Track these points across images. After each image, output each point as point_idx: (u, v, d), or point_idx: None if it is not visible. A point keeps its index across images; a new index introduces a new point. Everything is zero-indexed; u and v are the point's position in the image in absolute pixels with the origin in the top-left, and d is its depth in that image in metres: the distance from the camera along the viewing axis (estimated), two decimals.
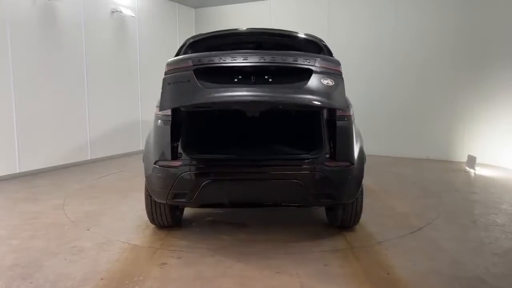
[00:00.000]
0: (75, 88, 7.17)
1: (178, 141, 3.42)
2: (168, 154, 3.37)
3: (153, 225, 3.97)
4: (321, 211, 4.29)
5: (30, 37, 6.32)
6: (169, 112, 3.41)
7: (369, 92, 8.24)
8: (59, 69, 6.83)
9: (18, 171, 6.23)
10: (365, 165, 3.57)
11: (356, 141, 3.52)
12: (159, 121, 3.48)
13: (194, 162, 3.35)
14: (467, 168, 6.92)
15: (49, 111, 6.69)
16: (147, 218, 3.90)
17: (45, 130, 6.64)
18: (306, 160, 3.34)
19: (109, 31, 7.83)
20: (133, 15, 8.20)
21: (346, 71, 3.92)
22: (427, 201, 5.04)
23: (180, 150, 3.39)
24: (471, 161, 6.83)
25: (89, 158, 7.49)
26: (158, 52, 8.91)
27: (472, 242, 3.67)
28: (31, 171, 6.40)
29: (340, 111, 3.38)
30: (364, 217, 3.93)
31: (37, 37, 6.43)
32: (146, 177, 3.57)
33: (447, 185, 5.89)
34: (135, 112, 8.59)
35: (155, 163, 3.43)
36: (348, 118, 3.45)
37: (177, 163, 3.35)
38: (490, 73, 7.19)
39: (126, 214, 4.48)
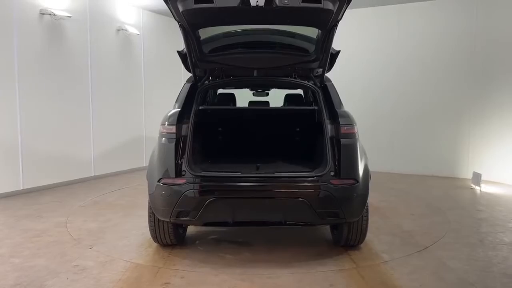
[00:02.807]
0: (80, 104, 7.21)
1: (182, 159, 3.42)
2: (172, 172, 3.36)
3: (156, 244, 3.94)
4: (325, 230, 4.25)
5: (36, 55, 6.40)
6: (173, 129, 3.41)
7: (373, 108, 8.25)
8: (64, 86, 6.88)
9: (21, 188, 6.23)
10: (370, 182, 3.54)
11: (361, 159, 3.50)
12: (163, 138, 3.49)
13: (198, 180, 3.34)
14: (472, 185, 6.86)
15: (53, 128, 6.72)
16: (150, 236, 3.87)
17: (49, 147, 6.65)
18: (311, 178, 3.32)
19: (114, 49, 7.93)
20: (138, 33, 8.31)
21: (349, 87, 3.95)
22: (433, 219, 4.98)
23: (184, 167, 3.38)
24: (477, 178, 6.77)
25: (93, 175, 7.48)
26: (162, 69, 9.00)
27: (480, 262, 3.60)
28: (34, 188, 6.39)
29: (345, 128, 3.37)
30: (369, 235, 3.88)
31: (43, 54, 6.51)
32: (149, 194, 3.56)
33: (453, 203, 5.83)
34: (139, 128, 8.62)
35: (158, 181, 3.42)
36: (352, 136, 3.44)
37: (181, 180, 3.34)
38: (496, 89, 7.17)
39: (129, 232, 4.45)
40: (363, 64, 8.39)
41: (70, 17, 6.71)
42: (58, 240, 4.17)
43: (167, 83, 8.99)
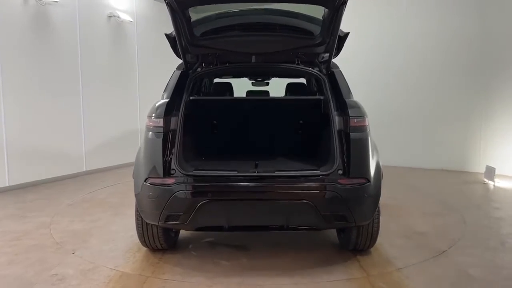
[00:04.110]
0: (69, 96, 6.82)
1: (172, 156, 3.04)
2: (160, 171, 2.99)
3: (145, 248, 3.57)
4: (331, 231, 3.88)
5: (20, 44, 5.98)
6: (160, 122, 3.03)
7: (380, 100, 7.82)
8: (52, 77, 6.49)
9: (7, 185, 5.87)
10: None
11: (373, 155, 3.12)
12: (150, 133, 3.11)
13: (189, 180, 2.96)
14: (485, 179, 6.48)
15: (41, 120, 6.33)
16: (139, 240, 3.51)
17: (37, 141, 6.28)
18: (316, 177, 2.94)
19: (105, 37, 7.51)
20: (131, 20, 7.88)
21: (357, 80, 3.55)
22: (447, 219, 4.60)
23: (173, 165, 3.01)
24: (490, 172, 6.39)
25: (85, 170, 7.13)
26: (158, 58, 8.56)
27: (505, 270, 3.23)
28: (21, 185, 6.03)
29: (355, 120, 2.98)
30: (379, 238, 3.50)
31: (27, 43, 6.10)
32: (135, 195, 3.18)
33: (466, 199, 5.45)
34: (133, 121, 8.24)
35: (145, 181, 3.05)
36: (363, 129, 3.05)
37: (170, 180, 2.97)
38: (508, 79, 6.76)
39: (117, 234, 4.08)
40: (369, 56, 7.95)
41: (56, 2, 6.28)
42: (39, 244, 3.81)
43: (164, 73, 8.42)
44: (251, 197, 2.93)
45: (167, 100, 3.22)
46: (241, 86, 4.96)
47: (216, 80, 5.01)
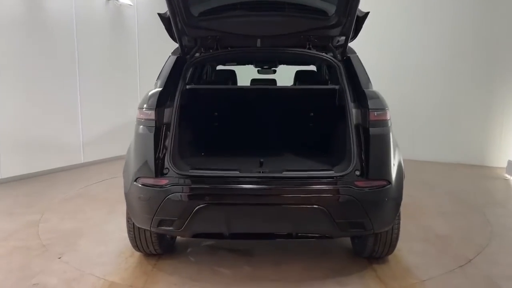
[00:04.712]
0: (65, 83, 6.44)
1: (165, 152, 2.68)
2: (151, 170, 2.63)
3: (139, 252, 3.24)
4: None
5: (10, 25, 5.59)
6: (152, 115, 2.66)
7: (391, 88, 7.35)
8: (46, 63, 6.11)
9: None
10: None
11: (394, 153, 2.73)
12: (141, 126, 2.74)
13: (184, 181, 2.60)
14: (506, 175, 6.06)
15: (35, 109, 5.99)
16: None
17: (31, 131, 5.94)
18: (330, 179, 2.56)
19: (104, 22, 7.10)
20: (131, 4, 7.45)
21: (372, 71, 3.15)
22: (470, 220, 4.21)
23: (167, 164, 2.65)
24: None
25: (82, 162, 6.79)
26: (159, 44, 8.10)
27: None
28: (13, 177, 5.72)
29: (375, 114, 2.59)
30: (397, 243, 3.12)
31: (20, 29, 5.71)
32: (125, 195, 2.84)
33: (488, 197, 5.05)
34: (134, 109, 7.80)
35: (135, 180, 2.69)
36: (384, 123, 2.67)
37: (162, 181, 2.61)
38: None
39: (111, 235, 3.76)
40: (385, 46, 7.44)
41: None
42: (25, 246, 3.49)
43: (165, 59, 8.16)
44: (255, 202, 2.56)
45: (160, 89, 2.84)
46: (245, 75, 4.56)
47: (219, 67, 4.61)
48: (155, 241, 3.04)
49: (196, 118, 3.30)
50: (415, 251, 3.38)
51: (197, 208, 2.53)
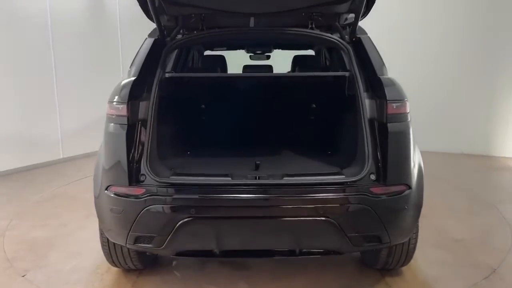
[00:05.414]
0: (40, 75, 5.92)
1: (141, 155, 2.22)
2: (124, 176, 2.17)
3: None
4: None
5: None
6: (124, 110, 2.19)
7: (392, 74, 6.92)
8: (18, 53, 5.59)
9: None
10: None
11: (414, 152, 2.31)
12: (111, 124, 2.28)
13: (165, 190, 2.15)
14: None
15: (9, 104, 5.49)
16: None
17: (5, 127, 5.45)
18: (340, 185, 2.13)
19: (81, 8, 6.57)
20: None
21: None
22: (485, 219, 3.84)
23: (143, 169, 2.19)
24: None
25: (61, 157, 6.30)
26: (144, 32, 7.55)
27: None
28: None
29: (394, 106, 2.15)
30: None
31: None
32: (95, 206, 2.39)
33: (500, 191, 4.71)
34: None
35: (106, 189, 2.24)
36: (404, 117, 2.24)
37: (138, 190, 2.17)
38: None
39: (86, 244, 3.31)
40: (387, 35, 6.95)
41: None
42: None
43: None
44: (250, 214, 2.12)
45: (134, 78, 2.36)
46: (236, 61, 4.06)
47: (207, 53, 4.12)
48: (134, 256, 2.60)
49: (179, 112, 2.84)
50: (432, 259, 3.00)
51: (180, 222, 2.10)
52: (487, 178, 5.27)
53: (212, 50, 4.10)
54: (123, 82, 2.35)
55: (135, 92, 2.28)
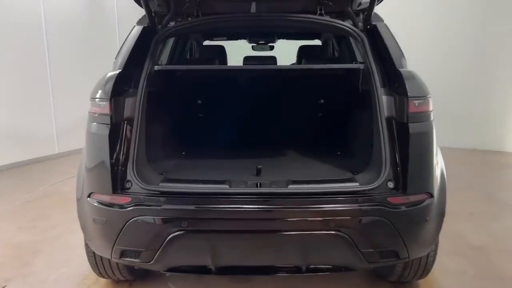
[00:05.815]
0: (34, 68, 5.75)
1: (127, 159, 1.96)
2: (108, 183, 1.92)
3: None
4: None
5: None
6: (106, 108, 1.93)
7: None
8: (11, 48, 5.37)
9: None
10: None
11: (437, 156, 2.04)
12: (93, 124, 2.02)
13: (153, 199, 1.89)
14: None
15: (3, 100, 5.28)
16: None
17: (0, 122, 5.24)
18: (354, 195, 1.86)
19: (77, 2, 6.33)
20: None
21: None
22: (503, 222, 3.59)
23: (129, 175, 1.94)
24: None
25: (57, 152, 6.11)
26: None
27: None
28: None
29: (416, 103, 1.88)
30: None
31: None
32: (78, 214, 2.14)
33: None
34: None
35: (88, 196, 1.99)
36: (426, 117, 1.96)
37: (123, 199, 1.91)
38: None
39: (74, 251, 3.06)
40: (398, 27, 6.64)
41: None
42: None
43: None
44: (251, 228, 1.86)
45: (119, 71, 2.09)
46: (236, 52, 3.78)
47: (206, 43, 3.84)
48: (123, 268, 2.36)
49: (172, 109, 2.57)
50: (450, 270, 2.74)
51: (171, 235, 1.85)
52: (502, 176, 5.01)
53: (211, 40, 3.81)
54: (107, 75, 2.08)
55: (120, 88, 2.02)
